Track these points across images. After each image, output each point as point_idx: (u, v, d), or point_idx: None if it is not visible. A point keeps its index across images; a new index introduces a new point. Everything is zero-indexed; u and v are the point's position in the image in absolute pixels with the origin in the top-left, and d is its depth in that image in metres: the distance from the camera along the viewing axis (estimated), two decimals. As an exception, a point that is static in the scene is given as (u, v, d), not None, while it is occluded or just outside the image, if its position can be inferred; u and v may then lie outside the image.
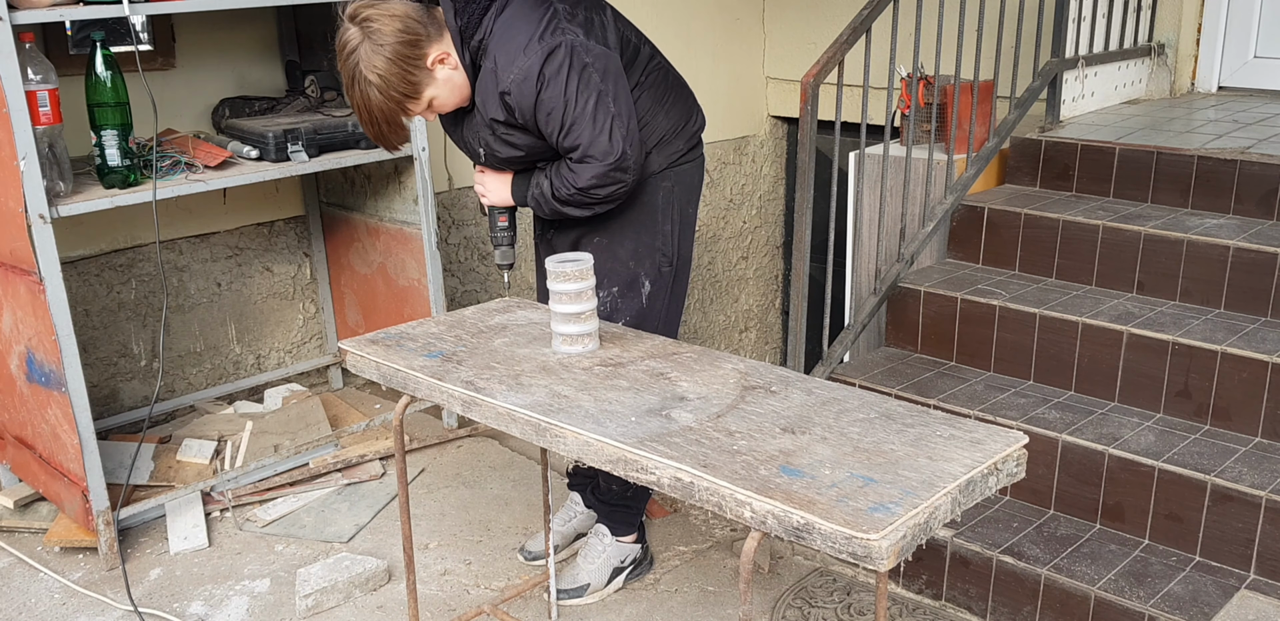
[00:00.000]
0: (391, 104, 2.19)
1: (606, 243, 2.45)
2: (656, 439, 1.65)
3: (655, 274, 2.49)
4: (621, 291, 2.47)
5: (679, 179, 2.47)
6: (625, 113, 2.25)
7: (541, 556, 2.77)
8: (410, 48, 2.15)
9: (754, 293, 4.98)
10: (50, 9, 2.43)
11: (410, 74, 2.17)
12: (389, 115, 2.21)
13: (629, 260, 2.46)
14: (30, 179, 2.46)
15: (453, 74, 2.25)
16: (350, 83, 2.18)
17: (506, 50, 2.20)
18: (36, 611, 2.62)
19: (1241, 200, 2.95)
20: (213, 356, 3.54)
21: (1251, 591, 2.30)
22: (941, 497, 1.48)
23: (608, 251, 2.45)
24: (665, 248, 2.48)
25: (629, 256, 2.46)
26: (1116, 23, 3.52)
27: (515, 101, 2.22)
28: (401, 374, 1.99)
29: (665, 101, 2.43)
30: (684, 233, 2.52)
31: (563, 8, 2.23)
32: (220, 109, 3.23)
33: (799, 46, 4.45)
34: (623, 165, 2.25)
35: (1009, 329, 2.88)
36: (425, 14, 2.20)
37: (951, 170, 3.14)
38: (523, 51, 2.18)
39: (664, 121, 2.42)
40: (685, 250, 2.54)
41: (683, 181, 2.48)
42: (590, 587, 2.64)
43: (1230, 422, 2.58)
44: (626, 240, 2.45)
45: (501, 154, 2.37)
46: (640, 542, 2.73)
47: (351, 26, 2.15)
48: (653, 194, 2.44)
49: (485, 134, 2.34)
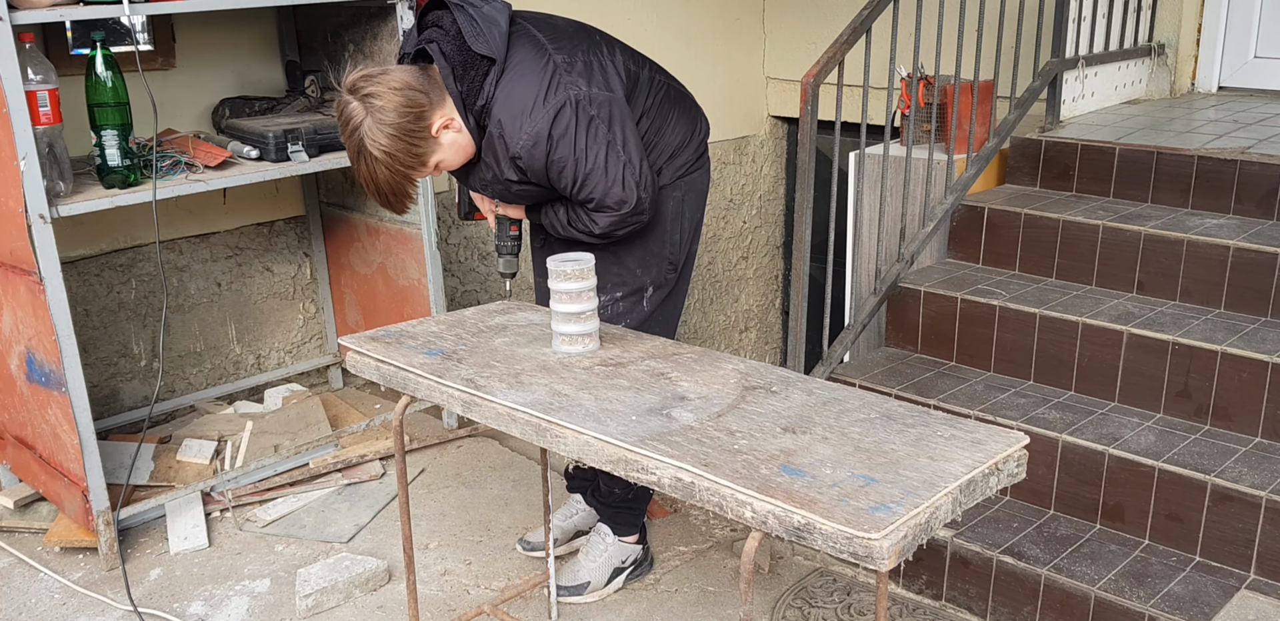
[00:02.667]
0: (398, 177, 2.16)
1: (614, 249, 2.45)
2: (657, 438, 1.65)
3: (660, 280, 2.49)
4: (625, 295, 2.47)
5: (689, 187, 2.48)
6: (636, 157, 2.25)
7: (540, 547, 2.78)
8: (414, 121, 2.12)
9: (754, 293, 4.98)
10: (50, 9, 2.43)
11: (415, 146, 2.14)
12: (396, 187, 2.19)
13: (636, 268, 2.46)
14: (30, 179, 2.46)
15: (457, 137, 2.22)
16: (356, 157, 2.14)
17: (512, 114, 2.18)
18: (36, 611, 2.62)
19: (1241, 200, 2.95)
20: (213, 356, 3.54)
21: (1252, 591, 2.30)
22: (942, 497, 1.48)
23: (615, 258, 2.45)
24: (673, 256, 2.49)
25: (636, 264, 2.46)
26: (1116, 23, 3.52)
27: (526, 164, 2.22)
28: (401, 372, 1.99)
29: (670, 118, 2.43)
30: (692, 239, 2.53)
31: (561, 59, 2.20)
32: (220, 109, 3.23)
33: (799, 46, 4.45)
34: (639, 210, 2.28)
35: (1009, 329, 2.88)
36: (425, 80, 2.16)
37: (951, 170, 3.14)
38: (529, 116, 2.16)
39: (671, 137, 2.43)
40: (691, 255, 2.56)
41: (692, 189, 2.49)
42: (590, 586, 2.65)
43: (1230, 422, 2.58)
44: (635, 249, 2.45)
45: (513, 202, 2.41)
46: (641, 543, 2.74)
47: (353, 101, 2.10)
48: (663, 206, 2.43)
49: (496, 188, 2.35)
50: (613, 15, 3.94)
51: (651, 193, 2.30)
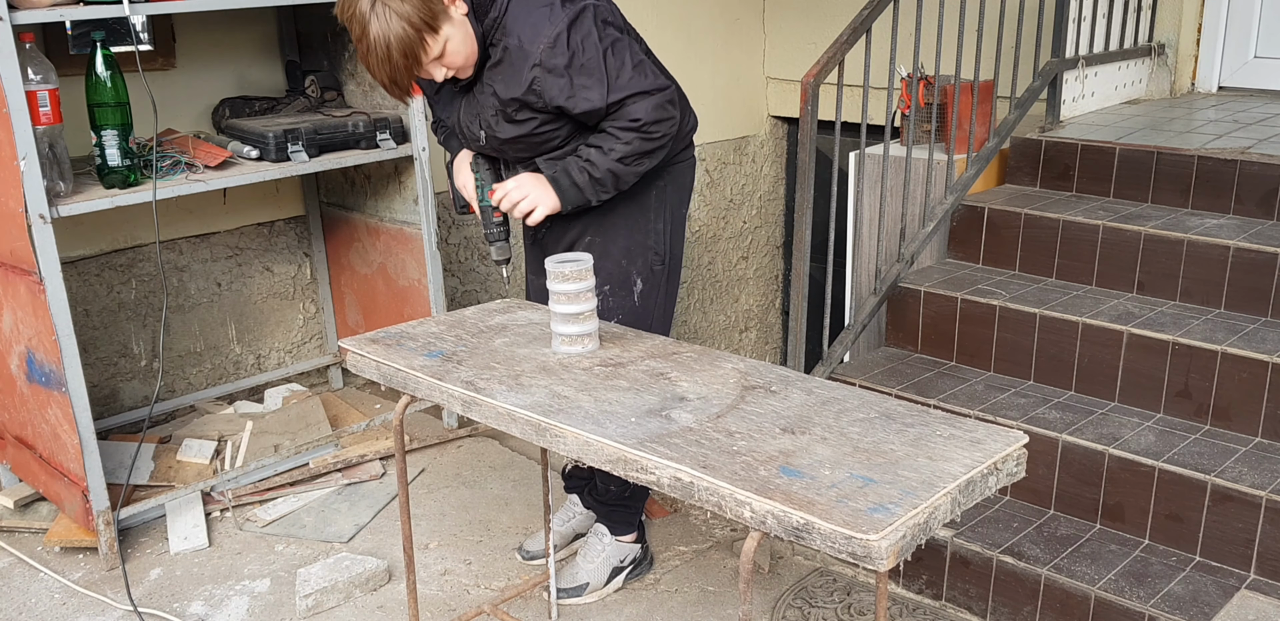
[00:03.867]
0: (413, 32, 2.13)
1: (600, 241, 2.45)
2: (656, 439, 1.65)
3: (648, 272, 2.49)
4: (614, 289, 2.47)
5: (672, 178, 2.48)
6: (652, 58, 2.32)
7: (540, 556, 2.77)
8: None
9: (754, 293, 4.98)
10: (50, 9, 2.43)
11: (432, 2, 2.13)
12: (407, 46, 2.14)
13: (621, 258, 2.46)
14: (30, 179, 2.46)
15: (465, 20, 2.22)
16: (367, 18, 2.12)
17: (530, 22, 2.20)
18: (36, 611, 2.62)
19: (1241, 200, 2.95)
20: (213, 356, 3.54)
21: (1252, 591, 2.30)
22: (941, 498, 1.48)
23: (600, 250, 2.45)
24: (658, 246, 2.48)
25: (621, 254, 2.46)
26: (1117, 23, 3.52)
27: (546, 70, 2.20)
28: (402, 373, 1.99)
29: None
30: (676, 232, 2.53)
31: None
32: (220, 109, 3.23)
33: (799, 46, 4.45)
34: (671, 98, 2.29)
35: (1009, 329, 2.88)
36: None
37: (951, 170, 3.14)
38: (548, 21, 2.19)
39: None
40: (677, 250, 2.55)
41: (676, 181, 2.49)
42: (589, 587, 2.64)
43: (1230, 422, 2.58)
44: (619, 238, 2.45)
45: (504, 134, 2.34)
46: (640, 542, 2.73)
47: None
48: (645, 191, 2.44)
49: (489, 115, 2.32)
50: (613, 15, 3.94)
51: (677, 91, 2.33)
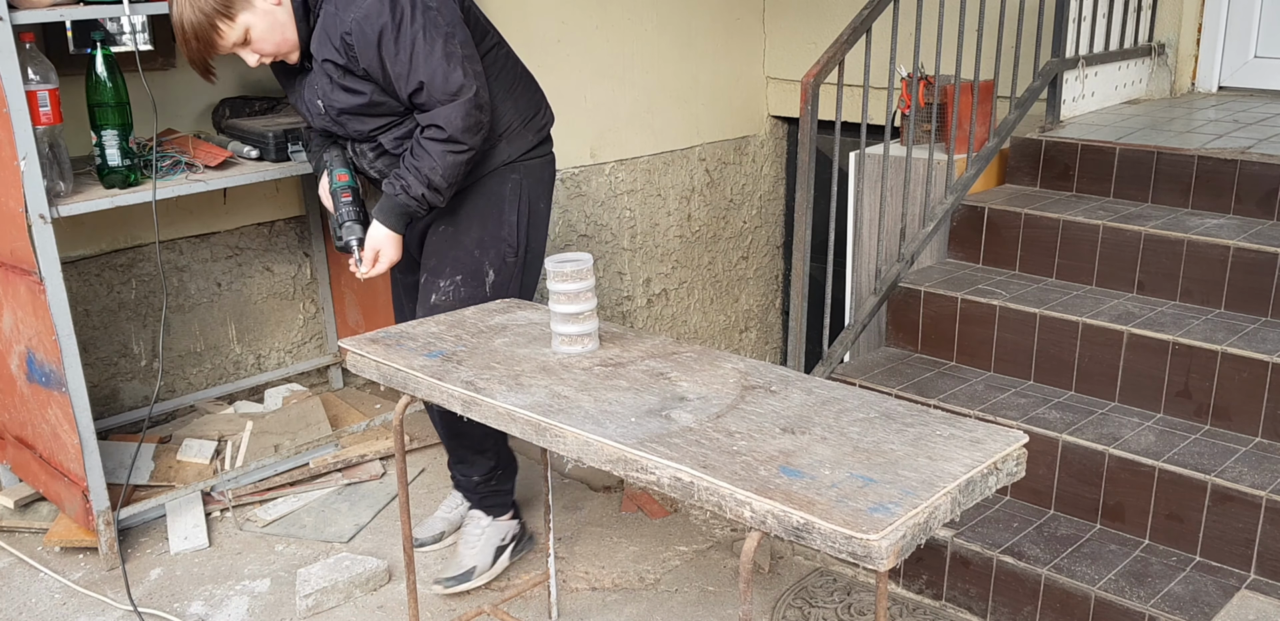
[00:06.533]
0: (202, 17, 2.13)
1: (452, 232, 2.47)
2: (656, 439, 1.65)
3: (500, 263, 2.50)
4: (465, 280, 2.48)
5: (528, 172, 2.50)
6: (474, 57, 2.24)
7: (427, 543, 2.80)
8: None
9: (754, 292, 4.98)
10: (50, 9, 2.43)
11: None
12: (200, 31, 2.15)
13: (474, 249, 2.47)
14: (30, 179, 2.46)
15: (275, 9, 2.20)
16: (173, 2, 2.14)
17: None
18: (37, 611, 2.62)
19: (1242, 200, 2.95)
20: (213, 356, 3.54)
21: (1252, 591, 2.30)
22: (941, 497, 1.48)
23: (453, 240, 2.46)
24: (511, 238, 2.50)
25: (474, 245, 2.47)
26: (1117, 23, 3.52)
27: (356, 40, 2.19)
28: (401, 373, 2.00)
29: (514, 91, 2.45)
30: (534, 225, 2.54)
31: None
32: (220, 109, 3.23)
33: (799, 46, 4.45)
34: (479, 102, 2.25)
35: (1009, 329, 2.88)
36: None
37: (951, 170, 3.14)
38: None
39: (512, 110, 2.44)
40: (535, 243, 2.56)
41: (531, 175, 2.51)
42: (477, 570, 2.64)
43: (1230, 422, 2.58)
44: (472, 229, 2.47)
45: (340, 103, 2.34)
46: (516, 518, 2.75)
47: None
48: (500, 184, 2.46)
49: (323, 83, 2.31)
50: (613, 15, 3.94)
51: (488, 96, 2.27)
